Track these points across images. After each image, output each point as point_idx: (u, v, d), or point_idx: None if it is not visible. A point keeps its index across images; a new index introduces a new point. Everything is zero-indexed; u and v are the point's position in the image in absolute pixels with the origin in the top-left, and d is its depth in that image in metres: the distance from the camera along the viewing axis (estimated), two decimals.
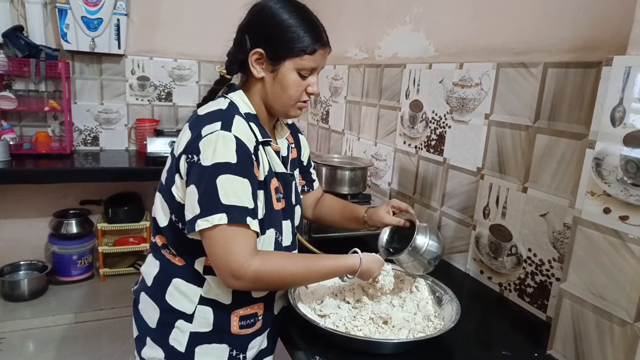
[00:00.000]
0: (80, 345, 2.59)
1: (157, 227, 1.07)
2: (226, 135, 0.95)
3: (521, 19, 1.36)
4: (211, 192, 0.91)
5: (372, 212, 1.28)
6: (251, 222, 0.93)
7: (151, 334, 1.09)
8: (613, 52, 0.93)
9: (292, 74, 1.03)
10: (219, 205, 0.91)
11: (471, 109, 1.52)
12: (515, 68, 1.35)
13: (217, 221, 0.90)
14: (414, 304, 1.18)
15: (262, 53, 1.03)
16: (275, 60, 1.03)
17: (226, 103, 1.04)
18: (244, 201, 0.93)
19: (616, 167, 0.91)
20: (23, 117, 3.02)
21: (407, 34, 1.90)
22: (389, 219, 1.25)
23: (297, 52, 1.02)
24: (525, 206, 1.32)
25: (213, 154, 0.93)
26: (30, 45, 2.73)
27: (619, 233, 0.91)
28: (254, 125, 1.05)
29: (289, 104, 1.07)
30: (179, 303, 1.05)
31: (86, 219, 3.17)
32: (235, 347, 1.08)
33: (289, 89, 1.05)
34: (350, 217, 1.33)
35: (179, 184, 1.00)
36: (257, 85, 1.08)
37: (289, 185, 1.15)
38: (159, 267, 1.09)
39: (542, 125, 1.26)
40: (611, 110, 0.91)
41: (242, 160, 0.94)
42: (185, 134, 1.00)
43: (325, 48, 1.06)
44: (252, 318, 1.09)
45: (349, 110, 2.36)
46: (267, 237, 1.05)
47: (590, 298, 0.97)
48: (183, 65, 3.34)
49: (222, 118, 0.98)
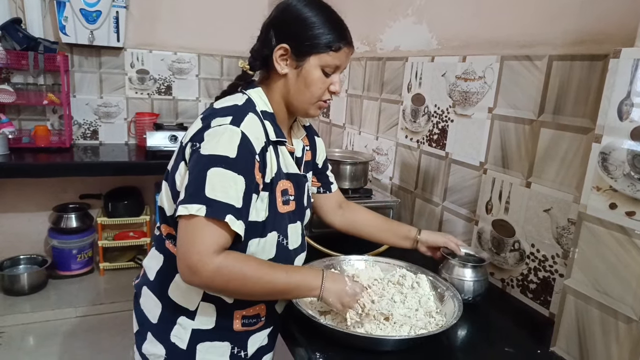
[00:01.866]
0: (80, 339, 2.59)
1: (164, 215, 1.06)
2: (233, 130, 0.94)
3: (525, 11, 1.33)
4: (199, 181, 0.90)
5: (428, 235, 1.33)
6: (232, 221, 0.90)
7: (152, 330, 1.07)
8: (620, 45, 0.91)
9: (316, 71, 1.03)
10: (202, 196, 0.89)
11: (474, 102, 1.50)
12: (519, 61, 1.33)
13: (194, 211, 0.88)
14: (415, 300, 1.16)
15: (287, 49, 1.02)
16: (301, 56, 1.02)
17: (244, 99, 1.04)
18: (230, 198, 0.91)
19: (623, 162, 0.89)
20: (22, 111, 3.00)
21: (409, 26, 1.88)
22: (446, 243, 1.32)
23: (323, 48, 1.02)
24: (528, 201, 1.30)
25: (214, 145, 0.92)
26: (29, 38, 2.71)
27: (625, 229, 0.89)
28: (269, 124, 1.04)
29: (310, 101, 1.06)
30: (182, 298, 1.03)
31: (86, 213, 3.16)
32: (236, 344, 1.07)
33: (313, 86, 1.04)
34: (397, 234, 1.35)
35: (182, 171, 0.99)
36: (279, 82, 1.07)
37: (302, 187, 1.13)
38: (163, 260, 1.07)
39: (547, 119, 1.24)
40: (618, 103, 0.90)
41: (242, 157, 0.93)
42: (197, 123, 1.00)
43: (349, 47, 1.07)
44: (254, 318, 1.08)
45: (350, 104, 2.34)
46: (268, 239, 1.02)
47: (595, 295, 0.96)
48: (183, 58, 3.32)
49: (234, 113, 0.97)
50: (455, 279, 1.24)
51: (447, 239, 1.33)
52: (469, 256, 1.32)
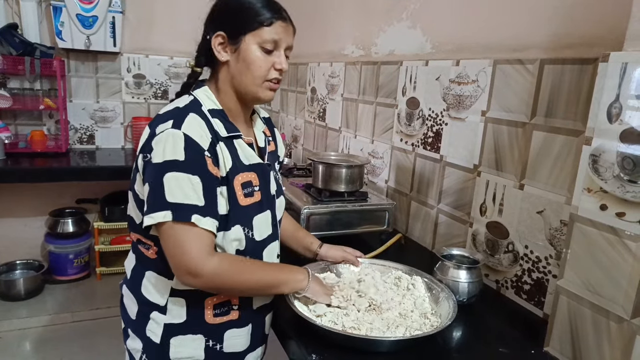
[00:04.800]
0: (77, 344, 2.59)
1: (133, 224, 1.09)
2: (175, 134, 0.96)
3: (517, 15, 1.35)
4: (158, 189, 0.93)
5: (327, 249, 1.36)
6: (199, 219, 0.94)
7: (131, 326, 1.12)
8: (610, 49, 0.93)
9: (254, 48, 1.04)
10: (164, 202, 0.92)
11: (468, 105, 1.52)
12: (511, 65, 1.34)
13: (161, 218, 0.92)
14: (410, 302, 1.17)
15: (224, 35, 1.05)
16: (236, 38, 1.04)
17: (188, 100, 1.05)
18: (191, 199, 0.94)
19: (613, 164, 0.90)
20: (18, 116, 3.00)
21: (403, 30, 1.89)
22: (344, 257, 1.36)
23: (255, 25, 1.03)
24: (522, 203, 1.32)
25: (163, 152, 0.95)
26: (25, 43, 2.72)
27: (616, 230, 0.90)
28: (218, 121, 1.06)
29: (255, 82, 1.06)
30: (152, 295, 1.07)
31: (82, 217, 3.16)
32: (211, 337, 1.08)
33: (252, 64, 1.05)
34: (302, 244, 1.38)
35: (139, 181, 1.02)
36: (223, 72, 1.09)
37: (267, 176, 1.15)
38: (135, 260, 1.12)
39: (539, 122, 1.26)
40: (608, 106, 0.91)
41: (191, 158, 0.95)
42: (145, 131, 1.03)
43: (285, 21, 1.07)
44: (225, 306, 1.09)
45: (346, 107, 2.36)
46: (232, 233, 1.04)
47: (587, 295, 0.97)
48: (179, 63, 3.33)
49: (174, 117, 0.99)
50: (450, 280, 1.25)
51: (346, 253, 1.36)
52: (463, 258, 1.33)
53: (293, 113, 3.08)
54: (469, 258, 1.33)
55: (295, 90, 3.00)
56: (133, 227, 1.09)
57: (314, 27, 2.62)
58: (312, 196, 1.71)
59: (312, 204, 1.61)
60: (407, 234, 1.85)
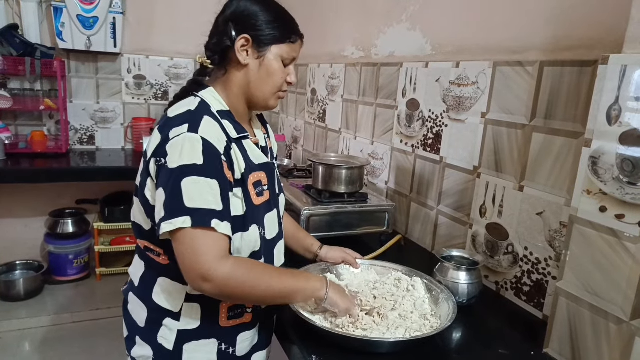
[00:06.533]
0: (77, 345, 2.58)
1: (140, 231, 1.07)
2: (193, 137, 0.94)
3: (517, 17, 1.35)
4: (176, 194, 0.91)
5: (327, 251, 1.36)
6: (218, 224, 0.92)
7: (140, 333, 1.09)
8: (609, 51, 0.93)
9: (277, 61, 1.07)
10: (183, 208, 0.90)
11: (468, 107, 1.52)
12: (511, 67, 1.35)
13: (180, 224, 0.90)
14: (410, 303, 1.18)
15: (249, 39, 1.05)
16: (263, 46, 1.06)
17: (196, 102, 1.04)
18: (210, 203, 0.92)
19: (612, 166, 0.91)
20: (18, 116, 3.00)
21: (403, 32, 1.90)
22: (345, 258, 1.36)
23: (283, 39, 1.07)
24: (521, 205, 1.32)
25: (179, 156, 0.93)
26: (26, 44, 2.72)
27: (615, 231, 0.91)
28: (228, 122, 1.05)
29: (272, 91, 1.10)
30: (165, 301, 1.05)
31: (82, 218, 3.16)
32: (224, 340, 1.08)
33: (274, 75, 1.08)
34: (302, 245, 1.39)
35: (150, 187, 1.00)
36: (238, 75, 1.08)
37: (273, 174, 1.16)
38: (144, 267, 1.09)
39: (539, 123, 1.26)
40: (607, 108, 0.91)
41: (209, 162, 0.94)
42: (155, 136, 1.00)
43: (302, 41, 1.13)
44: (239, 308, 1.08)
45: (346, 109, 2.36)
46: (250, 234, 1.04)
47: (587, 296, 0.97)
48: (179, 64, 3.34)
49: (189, 120, 0.98)
50: (450, 281, 1.25)
51: (346, 254, 1.36)
52: (463, 259, 1.34)
53: (293, 114, 3.08)
54: (468, 259, 1.33)
55: (296, 91, 3.01)
56: (140, 234, 1.07)
57: (314, 29, 2.62)
58: (312, 197, 1.71)
59: (312, 205, 1.61)
60: (407, 235, 1.85)
